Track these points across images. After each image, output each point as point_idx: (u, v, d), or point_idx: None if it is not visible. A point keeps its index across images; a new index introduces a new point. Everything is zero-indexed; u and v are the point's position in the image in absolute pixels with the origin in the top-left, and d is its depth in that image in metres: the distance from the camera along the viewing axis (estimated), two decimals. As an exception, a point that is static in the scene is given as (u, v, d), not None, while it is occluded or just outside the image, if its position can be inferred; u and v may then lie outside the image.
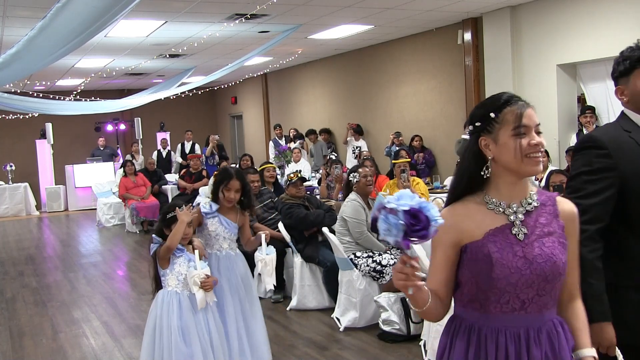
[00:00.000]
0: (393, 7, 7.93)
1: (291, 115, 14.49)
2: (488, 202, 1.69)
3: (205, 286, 3.27)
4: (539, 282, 1.64)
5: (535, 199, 1.71)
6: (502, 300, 1.64)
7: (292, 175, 5.96)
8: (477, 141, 1.69)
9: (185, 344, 3.22)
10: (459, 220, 1.68)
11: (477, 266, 1.65)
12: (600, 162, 2.01)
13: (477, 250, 1.65)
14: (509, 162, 1.65)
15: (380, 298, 4.57)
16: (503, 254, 1.63)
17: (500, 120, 1.66)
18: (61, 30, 4.63)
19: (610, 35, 7.04)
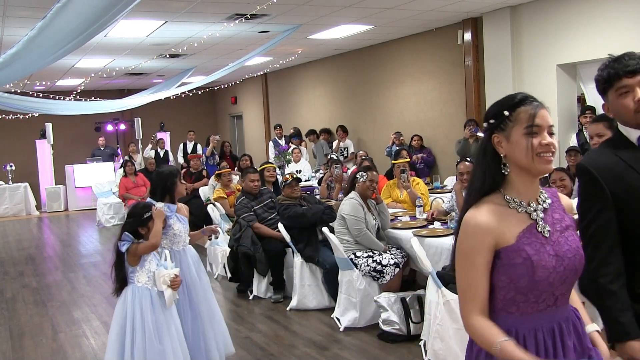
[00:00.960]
0: (393, 7, 7.93)
1: (291, 115, 14.49)
2: (510, 202, 1.70)
3: (174, 285, 3.37)
4: (571, 277, 1.68)
5: (547, 197, 1.76)
6: (540, 299, 1.66)
7: (288, 177, 6.00)
8: (490, 138, 1.71)
9: (159, 339, 3.29)
10: (492, 224, 1.66)
11: (517, 271, 1.63)
12: (590, 189, 2.05)
13: (514, 255, 1.64)
14: (520, 160, 1.67)
15: (380, 298, 4.57)
16: (540, 255, 1.64)
17: (514, 118, 1.68)
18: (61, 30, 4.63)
19: (610, 35, 7.05)
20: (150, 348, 3.26)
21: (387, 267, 4.81)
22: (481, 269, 1.66)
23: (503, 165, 1.70)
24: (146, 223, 3.41)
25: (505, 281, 1.65)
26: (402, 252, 5.00)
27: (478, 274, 1.66)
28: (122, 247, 3.38)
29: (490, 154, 1.72)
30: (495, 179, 1.71)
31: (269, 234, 5.89)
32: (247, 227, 5.88)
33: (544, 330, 1.67)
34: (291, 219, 5.57)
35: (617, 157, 2.06)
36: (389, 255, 4.91)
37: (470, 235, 1.67)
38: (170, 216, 3.80)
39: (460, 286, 1.70)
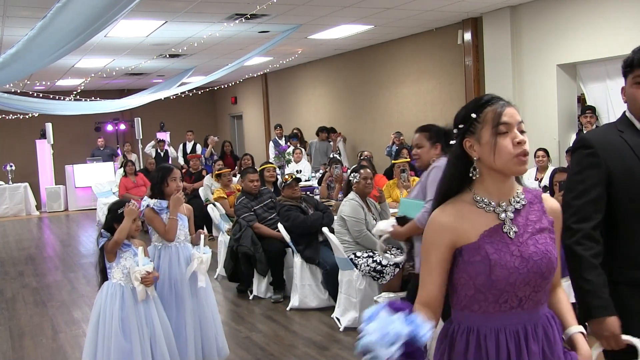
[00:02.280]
0: (393, 7, 7.93)
1: (291, 115, 14.49)
2: (478, 202, 1.69)
3: (146, 282, 3.38)
4: (535, 279, 1.65)
5: (522, 197, 1.73)
6: (501, 300, 1.65)
7: (287, 177, 6.01)
8: (461, 143, 1.71)
9: (124, 336, 3.32)
10: (453, 221, 1.68)
11: (475, 268, 1.64)
12: (587, 160, 2.07)
13: (474, 252, 1.65)
14: (493, 162, 1.65)
15: (380, 298, 4.56)
16: (500, 254, 1.64)
17: (482, 119, 1.67)
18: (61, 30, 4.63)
19: (610, 35, 7.05)
20: (116, 345, 3.30)
21: (387, 267, 4.81)
22: (434, 265, 1.69)
23: (473, 169, 1.69)
24: (121, 219, 3.45)
25: (465, 278, 1.66)
26: (402, 252, 5.00)
27: (430, 268, 1.70)
28: (100, 243, 3.47)
29: (461, 160, 1.71)
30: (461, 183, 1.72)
31: (269, 234, 5.89)
32: (247, 227, 5.89)
33: (506, 332, 1.65)
34: (291, 224, 5.57)
35: (621, 139, 2.08)
36: (389, 255, 4.90)
37: (429, 232, 1.72)
38: (160, 212, 3.83)
39: (420, 275, 1.75)
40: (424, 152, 3.51)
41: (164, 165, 4.12)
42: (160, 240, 3.88)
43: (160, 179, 3.88)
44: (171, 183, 3.88)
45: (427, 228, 1.73)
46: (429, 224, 1.73)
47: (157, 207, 3.84)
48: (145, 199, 3.99)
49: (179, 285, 3.80)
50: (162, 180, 3.87)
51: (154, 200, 3.89)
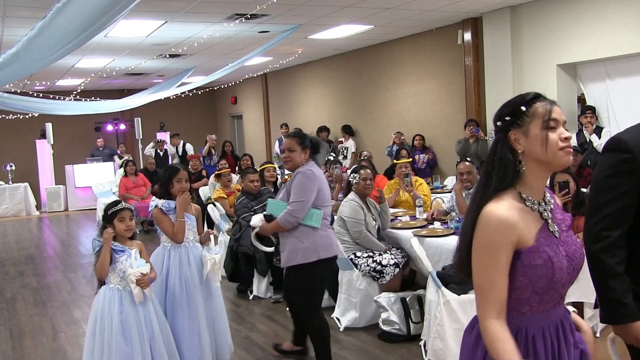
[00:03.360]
0: (393, 7, 7.93)
1: (291, 115, 14.48)
2: (526, 200, 1.67)
3: (141, 284, 3.37)
4: (575, 276, 1.69)
5: (549, 196, 1.76)
6: (551, 299, 1.67)
7: (287, 177, 6.00)
8: (507, 136, 1.69)
9: (125, 340, 3.32)
10: (517, 220, 1.62)
11: (537, 272, 1.61)
12: (624, 166, 1.99)
13: (535, 256, 1.62)
14: (540, 155, 1.66)
15: (380, 298, 4.57)
16: (558, 257, 1.64)
17: (531, 113, 1.68)
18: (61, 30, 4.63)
19: (610, 35, 7.04)
20: (117, 349, 3.30)
21: (387, 267, 4.81)
22: (503, 267, 1.60)
23: (519, 162, 1.68)
24: (111, 220, 3.44)
25: (524, 282, 1.63)
26: (402, 252, 5.00)
27: (500, 271, 1.60)
28: (95, 248, 3.47)
29: (508, 151, 1.69)
30: (514, 176, 1.69)
31: (269, 234, 5.88)
32: (247, 227, 5.88)
33: (550, 328, 1.68)
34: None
35: None
36: (389, 255, 4.91)
37: (494, 230, 1.60)
38: (168, 212, 3.83)
39: (480, 285, 1.63)
40: (295, 156, 3.80)
41: (172, 166, 4.11)
42: (169, 240, 3.87)
43: (167, 179, 3.89)
44: (176, 184, 3.87)
45: (487, 227, 1.61)
46: (488, 223, 1.61)
47: (165, 208, 3.83)
48: (153, 199, 3.99)
49: (190, 285, 3.80)
50: (167, 180, 3.88)
51: (162, 200, 3.87)
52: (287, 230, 3.73)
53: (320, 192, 3.77)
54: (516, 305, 1.66)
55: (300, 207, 3.66)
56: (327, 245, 3.77)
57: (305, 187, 3.68)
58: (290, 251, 3.73)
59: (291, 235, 3.72)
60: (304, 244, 3.70)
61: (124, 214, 3.45)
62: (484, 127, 8.84)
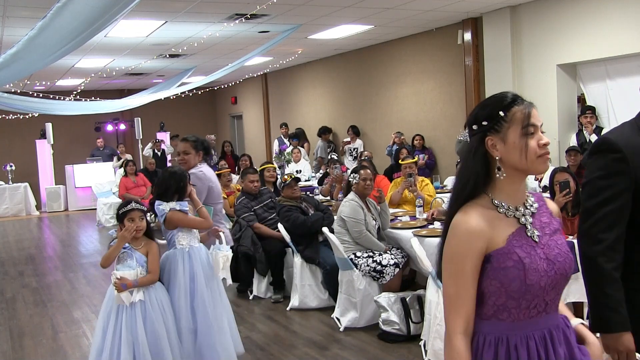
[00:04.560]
0: (393, 7, 7.93)
1: (291, 115, 14.48)
2: (498, 206, 1.64)
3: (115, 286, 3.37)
4: (560, 281, 1.63)
5: (533, 200, 1.71)
6: (531, 305, 1.60)
7: (286, 177, 6.00)
8: (482, 141, 1.64)
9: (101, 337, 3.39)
10: (482, 226, 1.60)
11: (508, 274, 1.58)
12: (615, 166, 1.97)
13: (505, 258, 1.59)
14: (518, 162, 1.61)
15: (380, 298, 4.57)
16: (532, 258, 1.59)
17: (509, 118, 1.61)
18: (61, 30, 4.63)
19: (610, 35, 7.04)
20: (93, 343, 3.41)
21: (387, 267, 4.81)
22: (470, 275, 1.59)
23: (498, 169, 1.63)
24: (121, 220, 3.47)
25: (496, 285, 1.59)
26: (402, 252, 5.00)
27: (467, 280, 1.59)
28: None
29: (481, 158, 1.65)
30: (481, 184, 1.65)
31: (269, 234, 5.89)
32: (247, 227, 5.89)
33: (535, 337, 1.61)
34: (291, 225, 5.57)
35: None
36: (389, 255, 4.90)
37: (460, 240, 1.60)
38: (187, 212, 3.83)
39: (448, 294, 1.63)
40: (190, 158, 4.09)
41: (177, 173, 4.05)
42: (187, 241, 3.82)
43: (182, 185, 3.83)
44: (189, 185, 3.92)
45: (453, 237, 1.62)
46: (455, 231, 1.61)
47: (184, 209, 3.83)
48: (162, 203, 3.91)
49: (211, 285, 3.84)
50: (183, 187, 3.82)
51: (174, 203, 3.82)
52: None
53: (211, 191, 4.18)
54: (494, 312, 1.62)
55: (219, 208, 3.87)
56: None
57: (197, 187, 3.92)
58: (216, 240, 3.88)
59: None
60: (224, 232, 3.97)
61: (133, 214, 3.45)
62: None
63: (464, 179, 1.67)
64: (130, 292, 3.39)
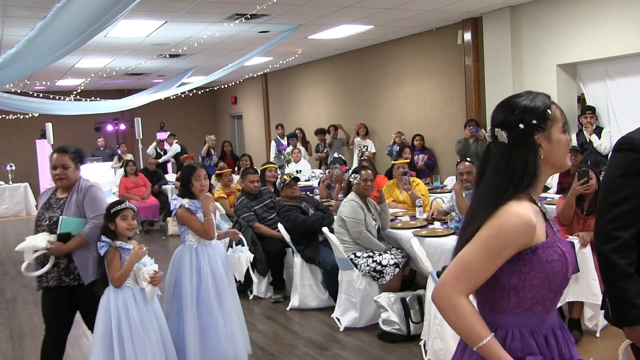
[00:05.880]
0: (393, 7, 7.93)
1: (291, 115, 14.49)
2: (535, 200, 1.68)
3: (154, 281, 3.40)
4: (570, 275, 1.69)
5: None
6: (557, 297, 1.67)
7: (286, 177, 6.01)
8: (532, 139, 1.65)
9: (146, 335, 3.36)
10: (535, 221, 1.61)
11: (554, 267, 1.60)
12: (635, 166, 1.98)
13: (551, 251, 1.61)
14: (559, 159, 1.68)
15: (380, 298, 4.57)
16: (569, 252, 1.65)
17: (552, 117, 1.68)
18: (61, 31, 4.63)
19: (610, 35, 7.04)
20: (139, 343, 3.32)
21: (387, 267, 4.81)
22: (501, 261, 1.59)
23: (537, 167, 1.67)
24: (113, 219, 3.43)
25: (541, 278, 1.60)
26: (402, 252, 5.00)
27: (495, 262, 1.58)
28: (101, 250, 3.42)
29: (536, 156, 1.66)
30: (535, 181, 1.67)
31: (269, 234, 5.89)
32: (247, 227, 5.89)
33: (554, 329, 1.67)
34: (291, 225, 5.57)
35: None
36: (389, 255, 4.91)
37: (514, 228, 1.57)
38: (196, 211, 3.89)
39: (467, 263, 1.59)
40: (70, 172, 3.64)
41: (189, 165, 4.13)
42: (197, 238, 3.90)
43: (186, 179, 3.93)
44: (195, 182, 3.92)
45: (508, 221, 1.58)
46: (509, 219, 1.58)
47: (192, 208, 3.89)
48: (176, 198, 4.03)
49: (220, 282, 3.86)
50: (187, 180, 3.93)
51: (187, 200, 3.91)
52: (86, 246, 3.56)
53: None
54: (531, 305, 1.63)
55: None
56: None
57: (103, 199, 3.66)
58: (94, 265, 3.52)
59: (91, 251, 3.53)
60: None
61: (126, 213, 3.45)
62: (484, 127, 8.83)
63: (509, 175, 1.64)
64: None
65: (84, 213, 3.56)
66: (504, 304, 1.63)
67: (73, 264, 3.55)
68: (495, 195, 1.64)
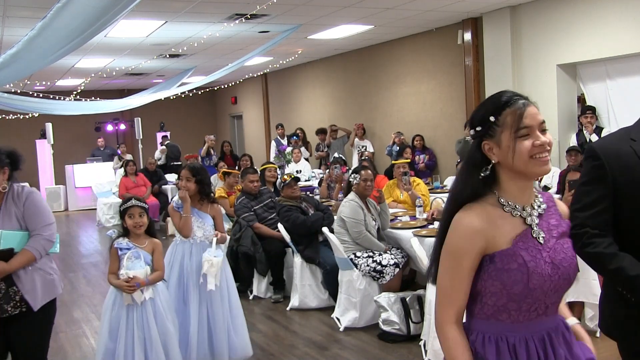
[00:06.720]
0: (393, 7, 7.93)
1: (291, 115, 14.49)
2: (504, 205, 1.62)
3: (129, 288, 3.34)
4: (563, 286, 1.62)
5: (542, 201, 1.68)
6: (532, 307, 1.59)
7: (286, 177, 6.00)
8: (479, 146, 1.63)
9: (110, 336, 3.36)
10: (483, 225, 1.59)
11: (512, 276, 1.56)
12: (594, 173, 2.02)
13: (510, 260, 1.57)
14: (514, 166, 1.58)
15: (380, 298, 4.57)
16: (536, 262, 1.57)
17: (501, 123, 1.58)
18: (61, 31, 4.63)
19: (610, 35, 7.04)
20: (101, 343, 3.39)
21: (387, 267, 4.81)
22: (467, 272, 1.60)
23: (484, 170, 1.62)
24: (122, 217, 3.50)
25: (498, 287, 1.58)
26: (402, 252, 5.00)
27: (463, 276, 1.60)
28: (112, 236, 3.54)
29: (475, 163, 1.64)
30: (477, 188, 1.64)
31: (269, 234, 5.89)
32: (247, 227, 5.89)
33: (534, 339, 1.61)
34: (291, 225, 5.57)
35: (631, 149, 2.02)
36: (389, 255, 4.90)
37: (460, 238, 1.60)
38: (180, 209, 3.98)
39: (442, 287, 1.64)
40: None
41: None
42: (179, 235, 4.00)
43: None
44: (179, 182, 4.05)
45: (454, 233, 1.61)
46: (455, 229, 1.61)
47: (175, 205, 4.00)
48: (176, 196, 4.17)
49: (186, 281, 3.88)
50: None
51: (176, 197, 4.07)
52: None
53: None
54: (494, 312, 1.61)
55: (53, 230, 3.09)
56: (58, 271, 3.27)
57: (47, 207, 3.14)
58: (44, 286, 3.06)
59: (37, 269, 3.04)
60: (52, 275, 3.13)
61: (133, 211, 3.47)
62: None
63: (461, 186, 1.66)
64: (141, 290, 3.40)
65: (26, 225, 3.03)
66: (473, 308, 1.66)
67: (14, 287, 2.98)
68: (452, 199, 1.68)
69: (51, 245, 3.09)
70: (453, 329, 1.61)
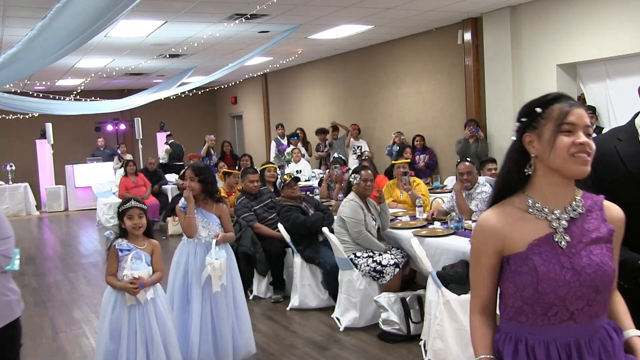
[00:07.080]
0: (393, 7, 7.93)
1: (291, 115, 14.49)
2: (530, 207, 1.61)
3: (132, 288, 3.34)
4: (589, 293, 1.56)
5: (581, 205, 1.63)
6: (550, 313, 1.57)
7: (286, 177, 6.00)
8: (521, 138, 1.63)
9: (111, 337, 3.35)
10: (499, 227, 1.61)
11: (522, 280, 1.57)
12: None
13: (521, 263, 1.58)
14: (552, 161, 1.57)
15: (380, 298, 4.57)
16: (549, 266, 1.55)
17: (547, 115, 1.59)
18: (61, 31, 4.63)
19: (610, 35, 7.05)
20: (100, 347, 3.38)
21: (387, 267, 4.81)
22: (484, 270, 1.66)
23: (529, 165, 1.62)
24: (121, 218, 3.48)
25: (512, 289, 1.61)
26: (402, 252, 5.00)
27: (481, 273, 1.67)
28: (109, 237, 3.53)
29: (516, 154, 1.64)
30: (515, 182, 1.64)
31: (269, 234, 5.89)
32: (247, 227, 5.89)
33: (557, 344, 1.57)
34: (291, 225, 5.57)
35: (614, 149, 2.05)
36: (389, 255, 4.90)
37: (476, 236, 1.68)
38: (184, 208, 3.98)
39: (470, 279, 1.73)
40: None
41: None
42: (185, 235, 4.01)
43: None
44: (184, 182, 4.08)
45: (474, 232, 1.70)
46: (476, 227, 1.69)
47: (181, 205, 3.99)
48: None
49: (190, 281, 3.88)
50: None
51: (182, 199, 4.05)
52: None
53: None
54: (514, 314, 1.63)
55: (11, 244, 2.78)
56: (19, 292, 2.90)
57: (3, 220, 2.82)
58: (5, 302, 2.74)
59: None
60: (8, 296, 2.76)
61: (132, 212, 3.46)
62: (484, 127, 8.84)
63: (502, 177, 1.69)
64: (144, 291, 3.40)
65: None
66: (501, 308, 1.71)
67: None
68: (492, 195, 1.72)
69: (8, 261, 2.73)
70: (476, 317, 1.70)
